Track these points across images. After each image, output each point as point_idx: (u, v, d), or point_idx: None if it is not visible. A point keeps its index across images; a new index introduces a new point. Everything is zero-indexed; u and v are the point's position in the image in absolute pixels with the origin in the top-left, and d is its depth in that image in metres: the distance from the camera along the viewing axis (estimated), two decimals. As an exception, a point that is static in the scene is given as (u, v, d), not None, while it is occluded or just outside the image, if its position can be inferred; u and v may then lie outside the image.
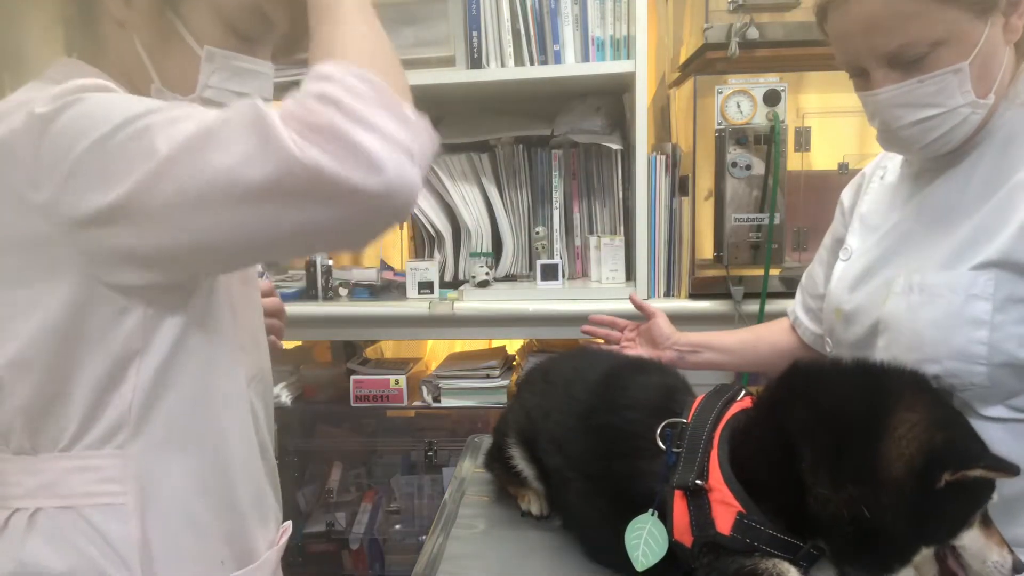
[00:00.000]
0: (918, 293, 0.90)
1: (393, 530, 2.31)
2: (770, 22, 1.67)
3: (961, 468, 0.71)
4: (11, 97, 0.82)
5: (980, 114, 0.88)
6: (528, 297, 1.88)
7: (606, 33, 1.84)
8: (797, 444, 0.77)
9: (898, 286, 0.93)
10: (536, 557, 0.98)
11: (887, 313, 0.93)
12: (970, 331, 0.85)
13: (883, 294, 0.95)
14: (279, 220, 0.66)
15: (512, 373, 2.09)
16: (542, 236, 2.04)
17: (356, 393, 2.03)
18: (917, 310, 0.89)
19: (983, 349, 0.84)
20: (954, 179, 0.94)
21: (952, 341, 0.85)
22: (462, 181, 2.02)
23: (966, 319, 0.85)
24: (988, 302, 0.84)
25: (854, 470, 0.74)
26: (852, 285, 1.03)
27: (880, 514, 0.73)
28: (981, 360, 0.84)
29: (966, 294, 0.85)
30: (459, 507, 1.15)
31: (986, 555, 0.74)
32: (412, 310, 1.86)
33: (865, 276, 1.01)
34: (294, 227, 0.67)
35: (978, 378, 0.85)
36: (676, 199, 1.82)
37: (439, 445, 2.31)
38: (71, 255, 0.72)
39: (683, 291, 1.84)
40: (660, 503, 0.83)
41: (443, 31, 1.86)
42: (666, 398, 0.92)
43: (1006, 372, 0.84)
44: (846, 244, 1.10)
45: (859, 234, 1.08)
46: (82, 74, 0.80)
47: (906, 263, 0.95)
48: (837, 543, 0.76)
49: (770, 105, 1.69)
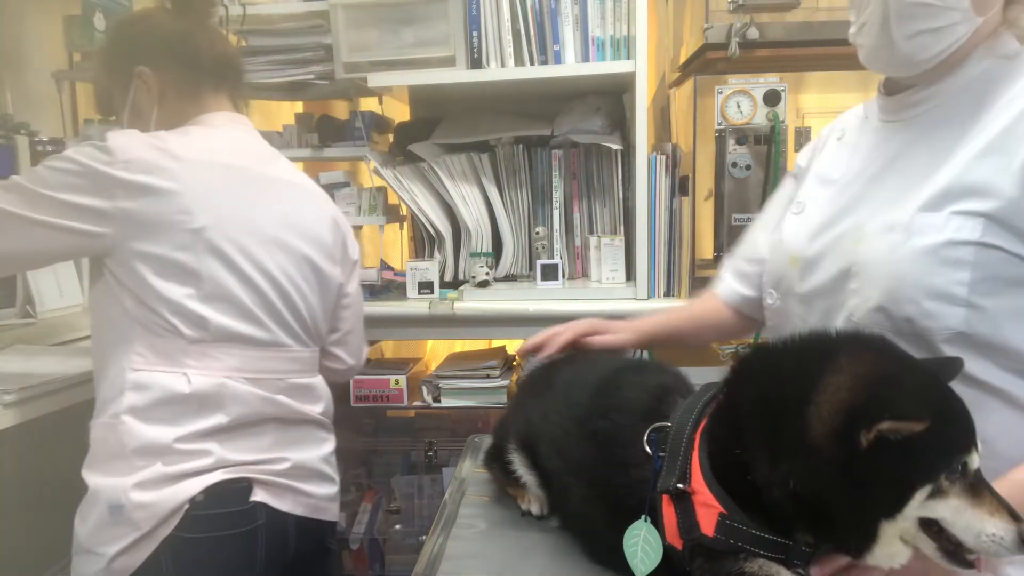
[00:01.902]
0: (900, 232, 0.88)
1: (393, 530, 2.31)
2: (770, 22, 1.68)
3: (873, 422, 0.67)
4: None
5: (967, 31, 0.87)
6: (528, 297, 1.88)
7: (606, 33, 1.84)
8: (745, 432, 0.76)
9: (874, 226, 0.91)
10: (536, 557, 0.98)
11: (862, 254, 0.91)
12: (952, 272, 0.84)
13: (853, 237, 0.94)
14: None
15: (512, 373, 2.08)
16: (542, 236, 2.04)
17: (356, 393, 2.03)
18: (897, 248, 0.87)
19: (963, 290, 0.83)
20: (928, 126, 0.93)
21: (933, 279, 0.84)
22: (462, 181, 2.02)
23: (949, 259, 0.84)
24: (973, 246, 0.83)
25: (785, 445, 0.72)
26: (814, 233, 1.01)
27: (814, 487, 0.70)
28: (960, 301, 0.83)
29: (953, 234, 0.84)
30: (459, 507, 1.14)
31: (978, 528, 0.69)
32: (412, 310, 1.86)
33: (829, 224, 1.00)
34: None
35: (954, 320, 0.84)
36: (676, 199, 1.82)
37: (439, 445, 2.31)
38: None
39: (683, 291, 1.84)
40: (651, 508, 0.82)
41: (443, 31, 1.86)
42: (658, 400, 0.91)
43: (982, 317, 0.83)
44: (798, 199, 1.09)
45: (814, 188, 1.07)
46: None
47: (878, 208, 0.93)
48: (810, 529, 0.73)
49: (770, 105, 1.69)
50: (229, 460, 1.20)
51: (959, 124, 0.91)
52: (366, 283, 2.01)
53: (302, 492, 1.29)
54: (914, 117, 0.96)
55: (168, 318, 1.18)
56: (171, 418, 1.17)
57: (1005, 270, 0.83)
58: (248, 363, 1.24)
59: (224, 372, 1.21)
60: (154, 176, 1.17)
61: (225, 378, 1.21)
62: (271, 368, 1.28)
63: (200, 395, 1.18)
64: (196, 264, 1.19)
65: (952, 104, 0.92)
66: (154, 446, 1.16)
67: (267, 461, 1.24)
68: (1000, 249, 0.83)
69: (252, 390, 1.23)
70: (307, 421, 1.34)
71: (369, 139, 2.11)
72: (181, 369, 1.18)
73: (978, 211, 0.84)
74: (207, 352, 1.20)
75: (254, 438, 1.24)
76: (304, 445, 1.33)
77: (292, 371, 1.32)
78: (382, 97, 2.24)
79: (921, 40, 0.88)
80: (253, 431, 1.24)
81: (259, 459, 1.24)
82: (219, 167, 1.26)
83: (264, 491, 1.23)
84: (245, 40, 2.03)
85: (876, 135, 1.01)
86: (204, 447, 1.18)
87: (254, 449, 1.24)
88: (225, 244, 1.22)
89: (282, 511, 1.25)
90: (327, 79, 1.97)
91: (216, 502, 1.17)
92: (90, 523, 1.15)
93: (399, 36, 1.87)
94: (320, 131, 2.17)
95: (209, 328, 1.20)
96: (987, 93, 0.90)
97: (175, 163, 1.19)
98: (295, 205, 1.37)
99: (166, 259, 1.17)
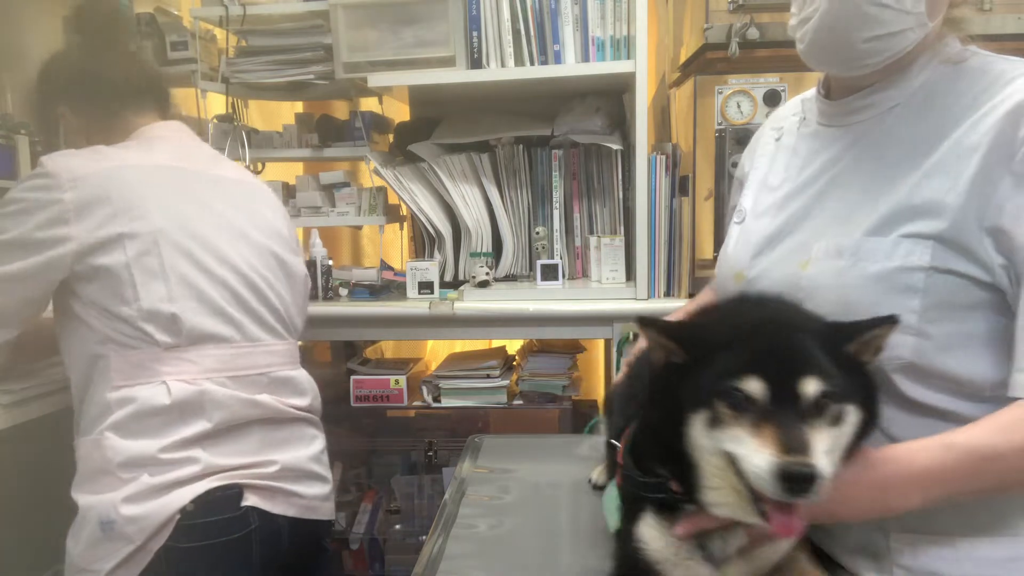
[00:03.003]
0: (848, 257, 0.86)
1: (393, 530, 2.31)
2: (770, 22, 1.67)
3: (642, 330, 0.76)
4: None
5: (919, 36, 0.85)
6: (528, 297, 1.88)
7: (606, 33, 1.84)
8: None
9: (820, 251, 0.89)
10: (536, 558, 0.98)
11: (809, 278, 0.89)
12: (902, 299, 0.82)
13: (798, 259, 0.92)
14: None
15: (512, 373, 2.09)
16: (542, 236, 2.04)
17: (356, 393, 2.03)
18: (844, 274, 0.85)
19: (913, 318, 0.81)
20: (871, 134, 0.91)
21: (882, 308, 0.80)
22: (462, 181, 2.02)
23: (899, 286, 0.82)
24: (923, 272, 0.81)
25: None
26: (756, 250, 0.99)
27: (642, 416, 0.82)
28: (910, 330, 0.81)
29: (901, 261, 0.82)
30: (459, 507, 1.14)
31: (749, 459, 0.67)
32: (412, 310, 1.86)
33: (773, 239, 0.98)
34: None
35: (904, 350, 0.82)
36: (676, 199, 1.82)
37: (439, 445, 2.31)
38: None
39: (683, 291, 1.84)
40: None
41: (443, 31, 1.86)
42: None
43: (931, 346, 0.82)
44: (739, 207, 1.07)
45: (754, 195, 1.05)
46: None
47: (824, 227, 0.91)
48: (662, 463, 0.80)
49: (770, 105, 1.69)
50: (216, 465, 1.20)
51: (905, 136, 0.88)
52: (366, 283, 2.01)
53: (293, 493, 1.29)
54: (856, 123, 0.93)
55: (140, 326, 1.18)
56: (154, 429, 1.17)
57: (955, 295, 0.81)
58: (225, 362, 1.25)
59: (203, 375, 1.21)
60: (102, 188, 1.18)
61: (206, 383, 1.21)
62: (249, 364, 1.28)
63: (181, 403, 1.18)
64: (159, 266, 1.20)
65: (897, 112, 0.89)
66: (139, 458, 1.16)
67: (255, 464, 1.24)
68: (951, 272, 0.81)
69: (233, 393, 1.24)
70: (294, 419, 1.35)
71: (369, 139, 2.11)
72: (159, 378, 1.19)
73: (927, 233, 0.81)
74: (183, 356, 1.21)
75: (240, 441, 1.24)
76: (292, 445, 1.32)
77: (272, 365, 1.32)
78: (382, 97, 2.24)
79: (876, 44, 0.84)
80: (238, 434, 1.24)
81: (247, 463, 1.24)
82: (166, 170, 1.28)
83: (255, 495, 1.23)
84: (245, 40, 2.04)
85: (815, 139, 0.99)
86: (189, 454, 1.18)
87: (241, 452, 1.23)
88: (186, 242, 1.23)
89: (274, 514, 1.25)
90: (327, 79, 1.97)
91: (207, 510, 1.17)
92: (83, 541, 1.15)
93: (399, 36, 1.87)
94: (320, 131, 2.17)
95: (182, 331, 1.20)
96: (933, 102, 0.87)
97: (120, 172, 1.21)
98: (247, 201, 1.39)
99: (130, 266, 1.18)
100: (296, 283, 1.44)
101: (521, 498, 1.18)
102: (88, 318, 1.20)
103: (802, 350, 0.72)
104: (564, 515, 1.13)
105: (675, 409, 0.74)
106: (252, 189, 1.44)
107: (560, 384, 2.02)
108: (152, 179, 1.25)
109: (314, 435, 1.40)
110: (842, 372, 0.73)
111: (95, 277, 1.18)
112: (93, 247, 1.17)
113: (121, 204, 1.18)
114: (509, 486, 1.23)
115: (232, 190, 1.38)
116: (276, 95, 2.20)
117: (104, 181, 1.19)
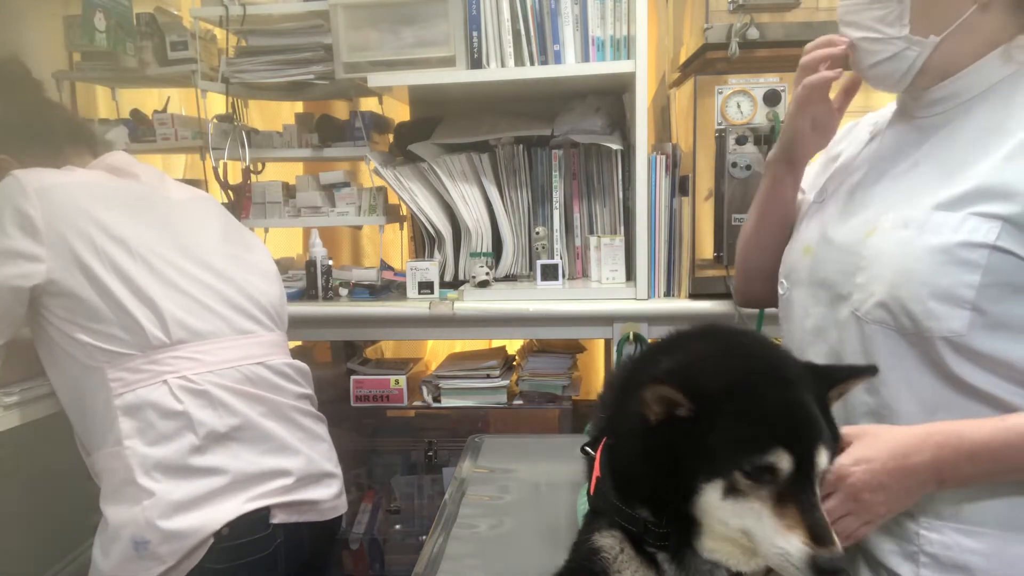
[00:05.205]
0: (914, 228, 0.87)
1: (393, 530, 2.31)
2: (770, 22, 1.67)
3: (649, 386, 0.72)
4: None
5: (917, 52, 0.90)
6: (528, 297, 1.88)
7: (606, 33, 1.84)
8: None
9: (887, 222, 0.90)
10: (536, 558, 0.98)
11: (872, 248, 0.91)
12: (962, 273, 0.82)
13: (865, 230, 0.93)
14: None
15: (512, 373, 2.09)
16: (542, 236, 2.04)
17: (356, 393, 2.03)
18: (908, 244, 0.86)
19: (971, 293, 0.82)
20: (952, 124, 0.93)
21: (940, 279, 0.82)
22: (462, 181, 2.02)
23: (961, 260, 0.82)
24: (986, 250, 0.82)
25: (620, 418, 0.80)
26: (827, 224, 1.02)
27: (623, 457, 0.77)
28: (966, 304, 0.82)
29: (966, 236, 0.83)
30: (459, 507, 1.15)
31: (771, 539, 0.67)
32: (412, 310, 1.86)
33: (845, 215, 1.00)
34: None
35: (958, 323, 0.82)
36: (676, 199, 1.82)
37: (439, 445, 2.31)
38: None
39: (683, 291, 1.84)
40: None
41: (443, 31, 1.85)
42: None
43: (986, 323, 0.82)
44: (822, 187, 1.10)
45: (838, 179, 1.08)
46: None
47: (895, 202, 0.93)
48: (645, 504, 0.78)
49: (770, 105, 1.69)
50: (243, 473, 1.22)
51: (984, 125, 0.89)
52: (366, 283, 2.01)
53: (313, 501, 1.34)
54: (938, 114, 0.95)
55: (133, 322, 1.20)
56: (170, 432, 1.19)
57: (1016, 277, 0.82)
58: (220, 355, 1.27)
59: (201, 369, 1.23)
60: (70, 199, 1.21)
61: (208, 375, 1.23)
62: (244, 356, 1.31)
63: (187, 400, 1.20)
64: (135, 270, 1.22)
65: (975, 105, 0.91)
66: (163, 464, 1.17)
67: (276, 474, 1.27)
68: (1014, 255, 0.82)
69: (236, 386, 1.26)
70: (302, 412, 1.38)
71: (369, 139, 2.11)
72: (160, 378, 1.20)
73: (998, 214, 0.82)
74: (177, 355, 1.23)
75: (256, 443, 1.27)
76: (305, 444, 1.35)
77: (267, 355, 1.36)
78: (382, 97, 2.24)
79: (882, 68, 0.94)
80: (253, 434, 1.26)
81: (268, 470, 1.26)
82: (123, 184, 1.34)
83: (281, 512, 1.27)
84: (245, 40, 2.03)
85: (899, 131, 1.02)
86: (215, 463, 1.20)
87: (260, 453, 1.26)
88: (159, 246, 1.28)
89: (298, 523, 1.30)
90: (327, 79, 1.97)
91: (239, 532, 1.20)
92: (113, 557, 1.17)
93: (399, 36, 1.87)
94: (320, 131, 2.17)
95: (168, 327, 1.22)
96: (1015, 97, 0.89)
97: (87, 187, 1.26)
98: (206, 209, 1.47)
99: (108, 269, 1.20)
100: (272, 278, 1.50)
101: (521, 498, 1.18)
102: (73, 333, 1.21)
103: (813, 415, 0.72)
104: (564, 515, 1.13)
105: (677, 469, 0.71)
106: (207, 200, 1.52)
107: (560, 384, 2.02)
108: (117, 193, 1.30)
109: (320, 428, 1.44)
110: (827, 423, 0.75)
111: (75, 286, 1.19)
112: (67, 255, 1.19)
113: (92, 215, 1.21)
114: (509, 486, 1.23)
115: (193, 204, 1.45)
116: (276, 95, 2.20)
117: (73, 191, 1.23)
